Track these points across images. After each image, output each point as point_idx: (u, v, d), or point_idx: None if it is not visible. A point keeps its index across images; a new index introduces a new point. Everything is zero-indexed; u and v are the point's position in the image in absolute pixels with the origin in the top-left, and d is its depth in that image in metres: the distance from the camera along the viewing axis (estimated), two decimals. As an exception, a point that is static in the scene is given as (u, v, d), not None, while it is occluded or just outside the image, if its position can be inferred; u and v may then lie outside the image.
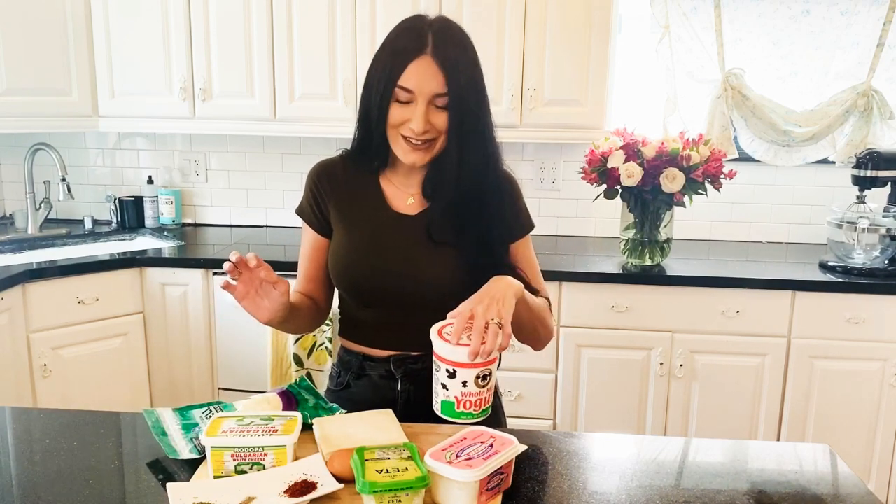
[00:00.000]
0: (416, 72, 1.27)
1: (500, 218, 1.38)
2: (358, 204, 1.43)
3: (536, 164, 3.16)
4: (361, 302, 1.43)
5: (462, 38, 1.34)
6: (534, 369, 2.67)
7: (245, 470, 1.12)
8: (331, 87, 2.83)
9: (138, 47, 2.89)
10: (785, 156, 2.95)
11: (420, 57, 1.28)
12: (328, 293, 1.51)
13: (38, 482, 1.15)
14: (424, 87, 1.27)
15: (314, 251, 1.47)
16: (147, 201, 3.28)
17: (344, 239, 1.42)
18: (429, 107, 1.29)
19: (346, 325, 1.50)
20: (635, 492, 1.14)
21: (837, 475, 1.23)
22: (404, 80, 1.28)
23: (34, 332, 2.56)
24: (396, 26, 1.35)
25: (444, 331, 1.20)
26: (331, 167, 1.47)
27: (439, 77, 1.27)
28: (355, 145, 1.43)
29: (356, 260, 1.39)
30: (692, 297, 2.58)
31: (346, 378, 1.47)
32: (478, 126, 1.33)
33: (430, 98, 1.28)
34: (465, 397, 1.17)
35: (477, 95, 1.33)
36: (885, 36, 2.81)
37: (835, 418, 2.61)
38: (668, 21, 2.89)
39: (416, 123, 1.28)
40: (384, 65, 1.31)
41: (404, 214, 1.41)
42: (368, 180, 1.44)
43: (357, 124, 1.40)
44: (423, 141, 1.31)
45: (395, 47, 1.31)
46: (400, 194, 1.43)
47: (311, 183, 1.47)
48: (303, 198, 1.48)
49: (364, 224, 1.42)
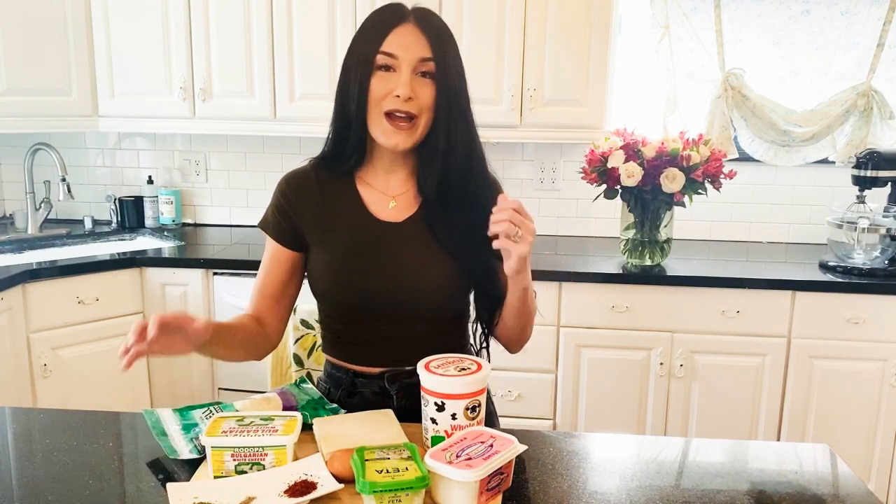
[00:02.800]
0: (399, 36, 1.23)
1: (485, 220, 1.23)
2: (336, 215, 1.34)
3: (536, 164, 3.16)
4: (349, 318, 1.35)
5: (445, 25, 1.30)
6: (534, 369, 2.67)
7: (245, 470, 1.12)
8: (331, 87, 2.82)
9: (138, 47, 2.89)
10: (785, 156, 2.95)
11: (403, 24, 1.24)
12: (281, 317, 1.40)
13: (38, 482, 1.15)
14: (409, 52, 1.22)
15: (274, 265, 1.37)
16: (147, 201, 3.28)
17: (325, 255, 1.33)
18: (413, 76, 1.23)
19: (331, 343, 1.41)
20: (635, 492, 1.14)
21: (837, 475, 1.23)
22: (387, 45, 1.23)
23: (34, 332, 2.56)
24: (373, 11, 1.30)
25: (431, 364, 1.20)
26: (302, 178, 1.37)
27: (423, 41, 1.23)
28: (329, 144, 1.35)
29: (341, 277, 1.32)
30: (692, 297, 2.58)
31: (337, 395, 1.40)
32: (463, 110, 1.27)
33: (415, 64, 1.23)
34: (455, 431, 1.17)
35: (461, 76, 1.28)
36: (885, 36, 2.81)
37: (835, 418, 2.61)
38: (668, 21, 2.89)
39: (401, 89, 1.21)
40: (364, 37, 1.26)
41: (389, 222, 1.34)
42: (345, 187, 1.35)
43: (333, 118, 1.33)
44: (406, 115, 1.23)
45: (374, 22, 1.27)
46: (381, 199, 1.35)
47: (279, 194, 1.37)
48: (268, 210, 1.39)
49: (346, 237, 1.33)
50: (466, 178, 1.32)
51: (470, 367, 1.21)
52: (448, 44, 1.27)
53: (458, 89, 1.27)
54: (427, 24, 1.26)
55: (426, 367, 1.20)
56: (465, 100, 1.29)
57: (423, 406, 1.20)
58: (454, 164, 1.30)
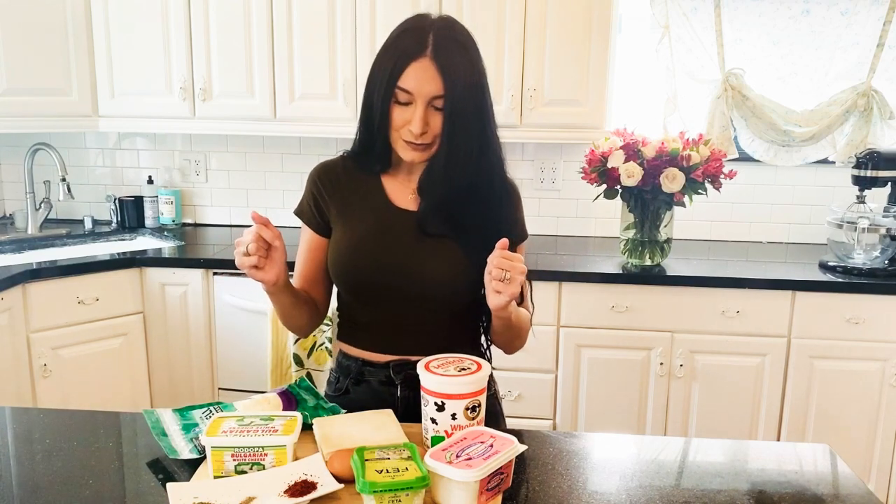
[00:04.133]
0: (414, 74, 1.28)
1: (497, 221, 1.38)
2: (359, 199, 1.43)
3: (536, 164, 3.16)
4: (362, 299, 1.42)
5: (465, 40, 1.34)
6: (534, 369, 2.67)
7: (245, 470, 1.12)
8: (331, 87, 2.83)
9: (138, 47, 2.89)
10: (785, 156, 2.95)
11: (419, 59, 1.28)
12: (325, 293, 1.51)
13: (38, 482, 1.15)
14: (423, 89, 1.28)
15: (312, 251, 1.47)
16: (147, 201, 3.28)
17: (345, 234, 1.41)
18: (427, 108, 1.30)
19: (345, 329, 1.49)
20: (635, 492, 1.14)
21: (837, 475, 1.23)
22: (403, 81, 1.29)
23: (34, 332, 2.56)
24: (398, 26, 1.35)
25: (431, 364, 1.21)
26: (332, 168, 1.47)
27: (437, 80, 1.28)
28: (357, 146, 1.43)
29: (357, 255, 1.39)
30: (692, 297, 2.58)
31: (345, 384, 1.45)
32: (469, 126, 1.32)
33: (428, 100, 1.29)
34: (455, 431, 1.17)
35: (476, 99, 1.33)
36: (885, 36, 2.81)
37: (835, 418, 2.61)
38: (668, 21, 2.89)
39: (414, 125, 1.29)
40: (385, 66, 1.31)
41: (405, 210, 1.41)
42: (369, 178, 1.44)
43: (359, 125, 1.41)
44: (421, 144, 1.32)
45: (395, 49, 1.31)
46: (402, 189, 1.43)
47: (311, 183, 1.47)
48: (302, 198, 1.48)
49: (365, 218, 1.41)
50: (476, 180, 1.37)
51: (470, 367, 1.21)
52: (462, 75, 1.30)
53: (467, 112, 1.32)
54: (444, 56, 1.29)
55: (426, 366, 1.20)
56: (477, 116, 1.34)
57: (423, 406, 1.21)
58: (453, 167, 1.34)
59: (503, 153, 1.41)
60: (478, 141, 1.34)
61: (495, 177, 1.40)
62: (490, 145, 1.37)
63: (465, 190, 1.36)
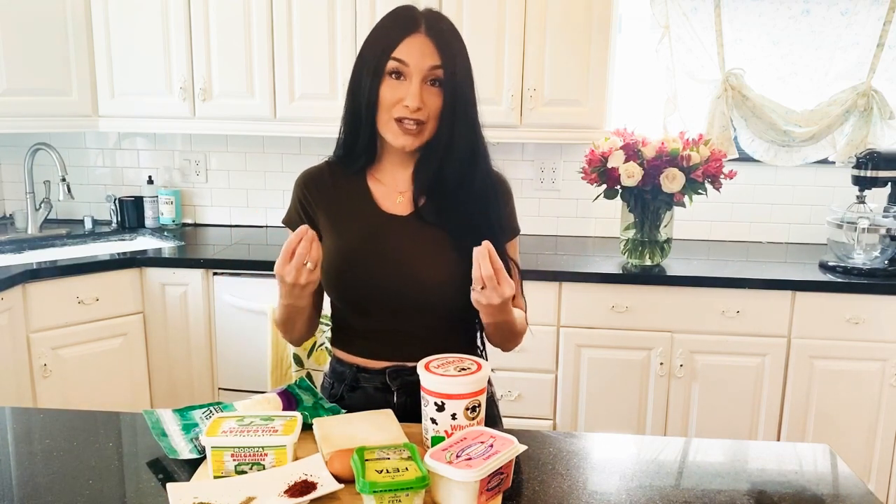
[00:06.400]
0: (410, 46, 1.27)
1: (488, 216, 1.37)
2: (347, 207, 1.40)
3: (536, 164, 3.16)
4: (356, 309, 1.39)
5: (454, 28, 1.34)
6: (534, 369, 2.67)
7: (245, 470, 1.12)
8: (331, 87, 2.83)
9: (138, 47, 2.89)
10: (785, 156, 2.95)
11: (414, 33, 1.27)
12: (318, 299, 1.47)
13: (38, 482, 1.15)
14: (420, 61, 1.26)
15: None
16: (147, 201, 3.28)
17: (335, 244, 1.38)
18: (423, 84, 1.28)
19: (338, 336, 1.46)
20: (635, 492, 1.14)
21: (837, 475, 1.23)
22: (399, 52, 1.26)
23: (34, 332, 2.56)
24: (386, 14, 1.33)
25: (431, 364, 1.21)
26: (317, 174, 1.44)
27: (434, 52, 1.27)
28: (340, 148, 1.41)
29: (349, 264, 1.36)
30: (692, 297, 2.58)
31: (340, 390, 1.43)
32: (469, 113, 1.32)
33: (425, 73, 1.27)
34: (455, 431, 1.17)
35: (469, 82, 1.32)
36: (885, 36, 2.81)
37: (835, 418, 2.61)
38: (668, 21, 2.89)
39: (410, 100, 1.26)
40: (377, 42, 1.29)
41: (395, 215, 1.39)
42: (355, 183, 1.41)
43: (343, 120, 1.38)
44: (415, 121, 1.29)
45: (387, 27, 1.30)
46: (388, 193, 1.40)
47: (298, 191, 1.44)
48: (290, 207, 1.46)
49: (354, 227, 1.39)
50: (469, 175, 1.36)
51: (470, 367, 1.21)
52: (457, 51, 1.30)
53: (464, 94, 1.31)
54: (437, 32, 1.29)
55: (426, 367, 1.20)
56: (471, 102, 1.33)
57: (423, 406, 1.21)
58: (452, 163, 1.34)
59: (489, 153, 1.40)
60: (473, 129, 1.34)
61: (486, 174, 1.39)
62: (482, 137, 1.37)
63: (457, 182, 1.35)
